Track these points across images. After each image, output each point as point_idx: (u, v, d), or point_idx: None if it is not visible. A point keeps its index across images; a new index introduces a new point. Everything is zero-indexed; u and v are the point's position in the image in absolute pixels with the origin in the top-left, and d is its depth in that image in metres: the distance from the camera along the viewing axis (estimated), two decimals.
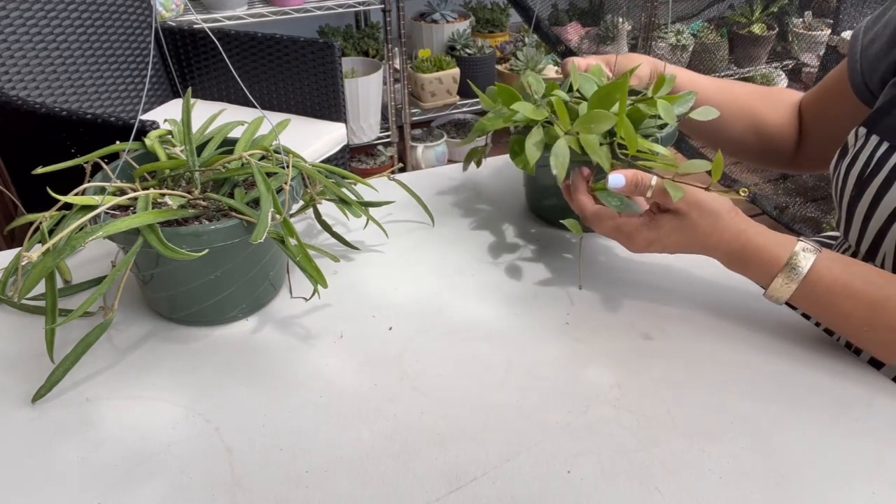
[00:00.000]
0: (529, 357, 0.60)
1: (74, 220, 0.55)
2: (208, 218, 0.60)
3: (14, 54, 1.43)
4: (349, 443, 0.52)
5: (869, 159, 0.64)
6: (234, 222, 0.57)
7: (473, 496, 0.48)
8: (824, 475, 0.49)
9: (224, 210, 0.61)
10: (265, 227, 0.54)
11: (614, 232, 0.63)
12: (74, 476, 0.49)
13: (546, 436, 0.52)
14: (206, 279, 0.61)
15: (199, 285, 0.61)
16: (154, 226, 0.54)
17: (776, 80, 2.76)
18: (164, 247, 0.54)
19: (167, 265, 0.60)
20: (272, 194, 0.57)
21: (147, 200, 0.57)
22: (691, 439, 0.52)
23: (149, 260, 0.60)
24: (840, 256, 0.58)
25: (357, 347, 0.62)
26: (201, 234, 0.56)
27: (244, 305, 0.65)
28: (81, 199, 0.57)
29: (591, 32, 2.74)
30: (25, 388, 0.57)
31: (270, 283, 0.67)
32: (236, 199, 0.60)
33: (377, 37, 2.47)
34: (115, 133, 1.20)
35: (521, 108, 0.67)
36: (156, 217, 0.55)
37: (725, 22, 2.81)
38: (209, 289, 0.61)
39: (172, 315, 0.65)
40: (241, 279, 0.62)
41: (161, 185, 0.63)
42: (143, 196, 0.58)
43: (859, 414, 0.54)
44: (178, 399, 0.56)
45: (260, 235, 0.53)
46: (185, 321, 0.64)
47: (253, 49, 1.71)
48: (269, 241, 0.59)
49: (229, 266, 0.61)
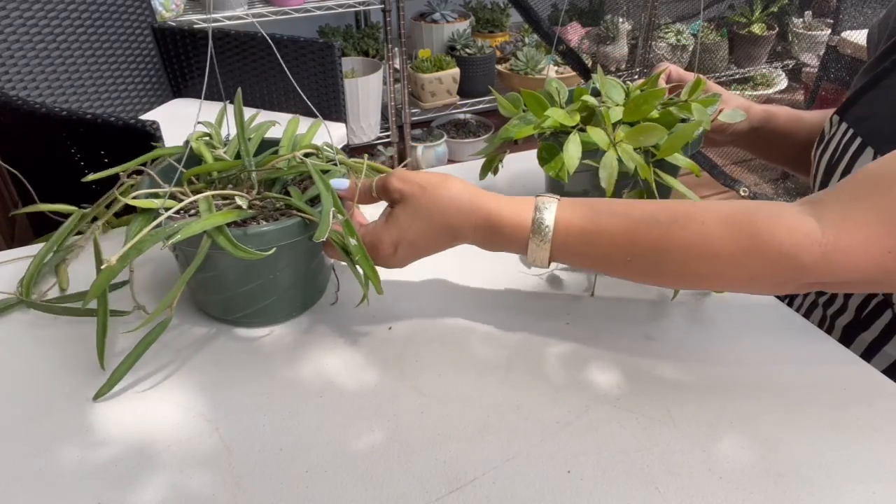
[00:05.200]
0: (529, 357, 0.60)
1: (141, 224, 0.55)
2: (264, 218, 0.60)
3: (14, 54, 1.43)
4: (349, 443, 0.52)
5: (837, 145, 0.65)
6: (295, 220, 0.56)
7: (473, 496, 0.48)
8: (824, 475, 0.49)
9: (281, 209, 0.60)
10: (327, 224, 0.54)
11: (369, 250, 0.59)
12: (74, 476, 0.49)
13: (546, 436, 0.52)
14: (261, 280, 0.60)
15: (255, 286, 0.60)
16: (223, 227, 0.54)
17: (776, 81, 2.76)
18: (235, 247, 0.53)
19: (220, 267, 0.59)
20: (332, 193, 0.57)
21: (209, 203, 0.57)
22: (691, 439, 0.52)
23: (206, 261, 0.57)
24: (573, 199, 0.56)
25: (357, 347, 0.62)
26: (266, 234, 0.55)
27: (298, 305, 0.64)
28: (144, 203, 0.56)
29: (591, 32, 2.74)
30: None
31: (317, 287, 0.66)
32: (294, 197, 0.59)
33: (377, 37, 2.47)
34: (115, 133, 1.20)
35: (554, 115, 0.66)
36: (225, 218, 0.55)
37: (725, 22, 2.81)
38: (264, 290, 0.61)
39: (225, 316, 0.64)
40: (295, 280, 0.62)
41: (210, 187, 0.63)
42: (204, 198, 0.57)
43: (859, 414, 0.54)
44: (178, 399, 0.56)
45: (323, 233, 0.53)
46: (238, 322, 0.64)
47: (253, 49, 1.71)
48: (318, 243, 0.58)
49: (285, 266, 0.60)
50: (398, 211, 0.57)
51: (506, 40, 2.77)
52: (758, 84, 2.76)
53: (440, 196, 0.56)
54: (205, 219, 0.54)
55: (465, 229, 0.57)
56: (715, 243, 0.50)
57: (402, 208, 0.57)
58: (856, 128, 0.63)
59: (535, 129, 0.68)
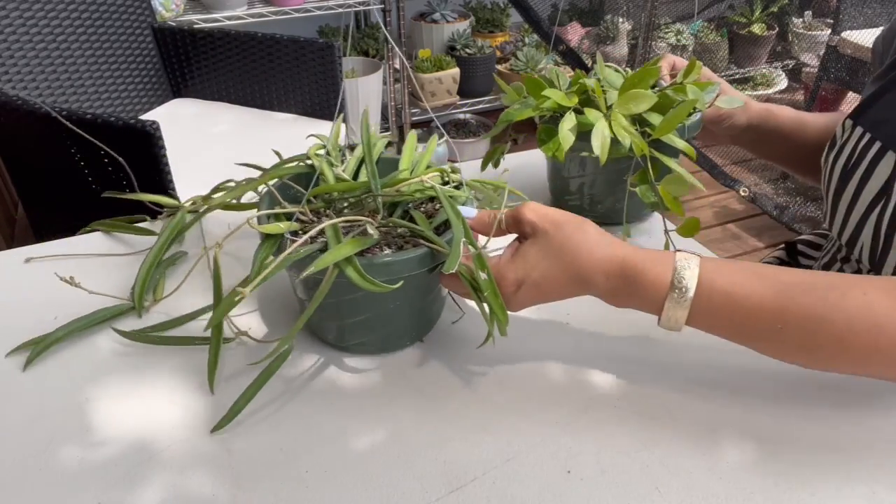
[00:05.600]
0: (530, 357, 0.60)
1: (267, 250, 0.53)
2: (386, 244, 0.56)
3: (14, 54, 1.43)
4: (349, 443, 0.52)
5: (853, 151, 0.64)
6: (423, 251, 0.53)
7: (473, 496, 0.48)
8: (824, 475, 0.49)
9: (404, 236, 0.57)
10: (458, 256, 0.50)
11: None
12: (74, 476, 0.49)
13: (546, 436, 0.52)
14: (380, 310, 0.57)
15: (372, 316, 0.57)
16: (353, 258, 0.51)
17: (776, 80, 2.77)
18: (363, 279, 0.50)
19: (339, 294, 0.55)
20: (463, 222, 0.53)
21: (337, 230, 0.54)
22: (691, 439, 0.52)
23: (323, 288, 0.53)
24: (717, 259, 0.53)
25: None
26: (392, 265, 0.52)
27: (413, 335, 0.61)
28: (270, 228, 0.54)
29: (591, 32, 2.74)
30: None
31: (433, 316, 0.63)
32: (419, 224, 0.56)
33: (377, 37, 2.47)
34: (116, 133, 1.20)
35: (552, 95, 0.66)
36: (354, 248, 0.52)
37: (725, 22, 2.81)
38: (381, 319, 0.58)
39: (336, 342, 0.61)
40: (412, 310, 0.59)
41: (328, 206, 0.60)
42: (331, 226, 0.54)
43: (860, 414, 0.54)
44: (178, 399, 0.56)
45: (452, 265, 0.50)
46: (349, 349, 0.61)
47: (253, 49, 1.71)
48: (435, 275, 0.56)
49: (406, 296, 0.56)
50: (527, 247, 0.53)
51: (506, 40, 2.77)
52: (758, 84, 2.77)
53: (575, 237, 0.52)
54: (336, 249, 0.51)
55: (596, 276, 0.52)
56: (879, 315, 0.46)
57: (532, 244, 0.53)
58: (873, 132, 0.62)
59: (535, 111, 0.68)
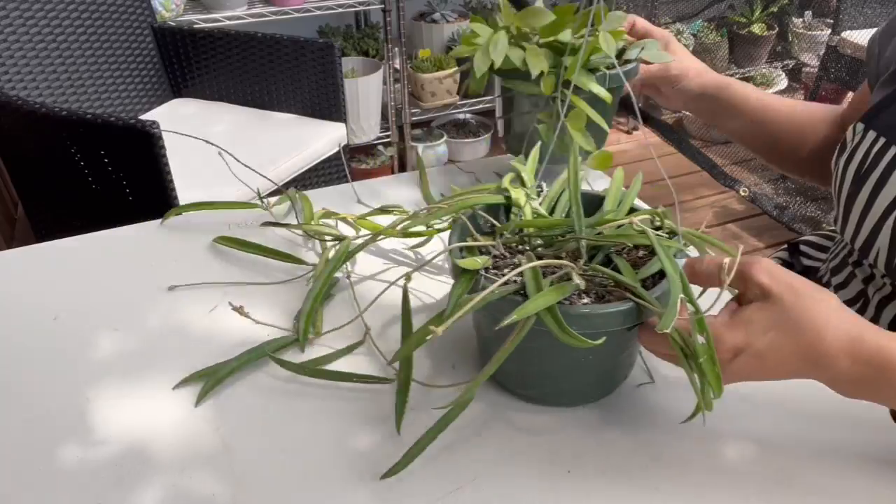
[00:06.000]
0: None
1: (464, 286, 0.51)
2: (585, 292, 0.51)
3: (14, 54, 1.43)
4: (349, 443, 0.52)
5: (866, 155, 0.64)
6: (629, 306, 0.48)
7: (473, 496, 0.48)
8: (825, 475, 0.49)
9: (605, 285, 0.52)
10: (674, 315, 0.45)
11: None
12: (74, 476, 0.49)
13: (546, 436, 0.52)
14: (571, 362, 0.53)
15: (562, 368, 0.54)
16: (554, 306, 0.47)
17: (776, 80, 2.76)
18: (563, 331, 0.46)
19: (529, 341, 0.49)
20: (682, 278, 0.48)
21: (537, 274, 0.49)
22: (691, 439, 0.52)
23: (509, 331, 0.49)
24: None
25: (357, 347, 0.61)
26: (594, 318, 0.48)
27: (599, 391, 0.56)
28: (466, 263, 0.51)
29: None
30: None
31: (624, 372, 0.58)
32: (624, 273, 0.51)
33: (377, 37, 2.47)
34: (116, 133, 1.20)
35: (480, 31, 0.69)
36: (557, 297, 0.47)
37: (725, 22, 2.81)
38: (568, 371, 0.54)
39: (515, 388, 0.57)
40: (606, 367, 0.55)
41: (521, 242, 0.57)
42: (531, 269, 0.50)
43: (860, 414, 0.54)
44: (178, 399, 0.56)
45: (667, 324, 0.45)
46: (530, 398, 0.56)
47: (253, 49, 1.71)
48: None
49: (602, 351, 0.49)
50: (754, 311, 0.46)
51: None
52: (758, 84, 2.76)
53: (816, 310, 0.45)
54: (538, 297, 0.47)
55: (838, 359, 0.45)
56: None
57: (760, 310, 0.46)
58: (888, 136, 0.62)
59: (468, 45, 0.70)
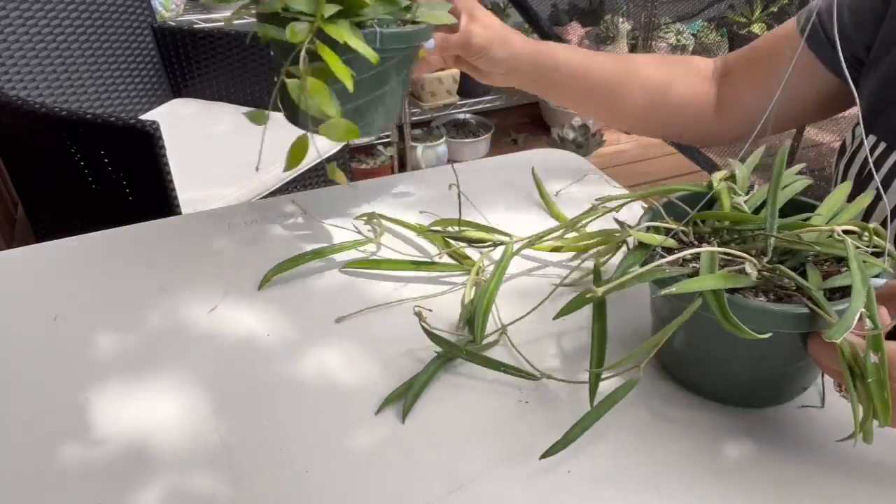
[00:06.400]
0: (530, 356, 0.60)
1: (637, 258, 0.51)
2: (764, 290, 0.50)
3: (14, 54, 1.43)
4: (349, 443, 0.52)
5: (867, 160, 0.64)
6: (803, 310, 0.47)
7: (473, 496, 0.48)
8: (825, 475, 0.49)
9: (786, 288, 0.50)
10: (849, 326, 0.43)
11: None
12: (74, 476, 0.49)
13: (546, 436, 0.52)
14: (744, 362, 0.52)
15: (737, 367, 0.53)
16: (720, 291, 0.47)
17: None
18: (725, 317, 0.46)
19: (699, 331, 0.50)
20: (869, 293, 0.45)
21: (714, 259, 0.50)
22: (691, 439, 0.52)
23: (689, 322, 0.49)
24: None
25: (357, 347, 0.62)
26: (760, 313, 0.47)
27: (754, 400, 0.55)
28: (644, 237, 0.52)
29: (591, 32, 2.75)
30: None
31: (777, 389, 0.56)
32: (810, 280, 0.49)
33: None
34: (116, 133, 1.20)
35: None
36: (724, 283, 0.47)
37: (725, 22, 2.82)
38: (741, 370, 0.53)
39: (692, 387, 0.56)
40: (760, 375, 0.53)
41: (715, 235, 0.56)
42: (708, 253, 0.50)
43: None
44: (178, 399, 0.56)
45: (839, 333, 0.43)
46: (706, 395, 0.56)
47: (253, 49, 1.71)
48: None
49: (778, 355, 0.50)
50: None
51: None
52: None
53: None
54: (703, 277, 0.47)
55: None
56: None
57: None
58: (888, 140, 0.62)
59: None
